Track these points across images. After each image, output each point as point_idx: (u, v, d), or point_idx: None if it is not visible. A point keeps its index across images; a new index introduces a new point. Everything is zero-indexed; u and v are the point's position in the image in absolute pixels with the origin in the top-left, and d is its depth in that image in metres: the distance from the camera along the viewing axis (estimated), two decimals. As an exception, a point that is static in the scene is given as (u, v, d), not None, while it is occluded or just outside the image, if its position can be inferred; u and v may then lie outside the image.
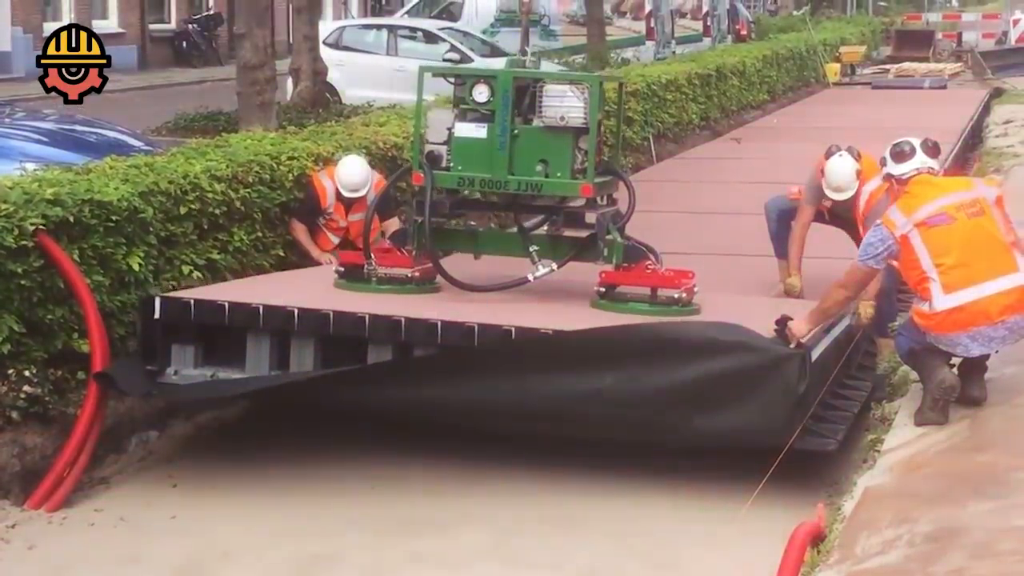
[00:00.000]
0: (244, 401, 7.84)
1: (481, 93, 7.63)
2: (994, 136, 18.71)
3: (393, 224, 9.04)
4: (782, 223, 8.99)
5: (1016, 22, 38.93)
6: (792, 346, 6.76)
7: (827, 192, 8.52)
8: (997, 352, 6.84)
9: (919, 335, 6.82)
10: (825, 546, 5.49)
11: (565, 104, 7.53)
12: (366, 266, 7.87)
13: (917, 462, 6.31)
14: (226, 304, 7.27)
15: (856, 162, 8.45)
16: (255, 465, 7.34)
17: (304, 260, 9.02)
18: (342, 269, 7.96)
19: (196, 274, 8.15)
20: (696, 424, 6.77)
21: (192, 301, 7.36)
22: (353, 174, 9.03)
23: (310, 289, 7.80)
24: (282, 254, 9.05)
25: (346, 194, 9.01)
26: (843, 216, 8.67)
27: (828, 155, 8.51)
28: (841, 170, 8.43)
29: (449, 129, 7.72)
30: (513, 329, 6.94)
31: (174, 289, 7.89)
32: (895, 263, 6.96)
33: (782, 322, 6.82)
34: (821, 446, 6.84)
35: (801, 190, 8.96)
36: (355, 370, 7.09)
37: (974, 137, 19.21)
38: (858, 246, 7.86)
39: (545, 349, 6.91)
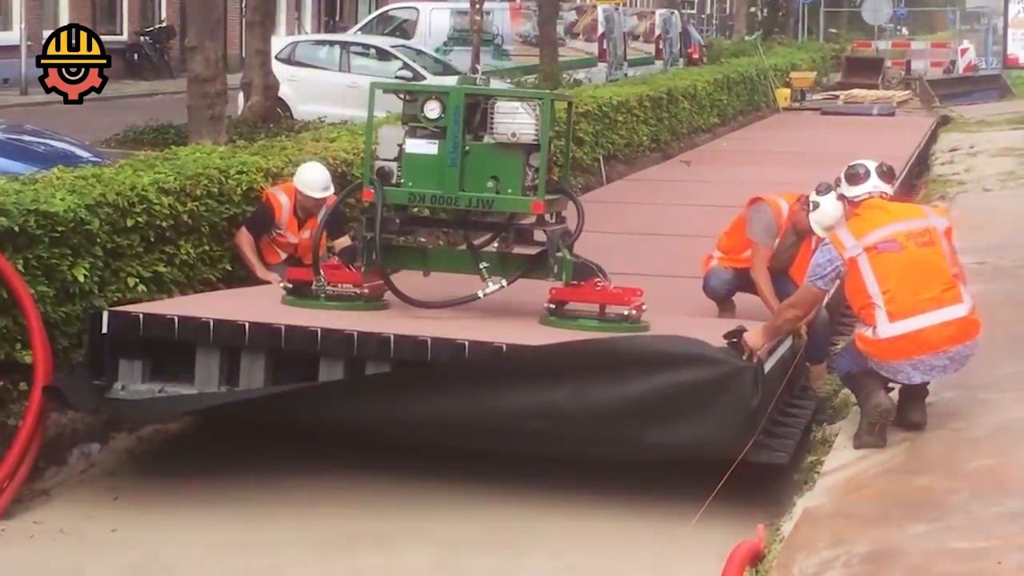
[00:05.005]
0: (188, 415, 7.80)
1: (432, 110, 7.64)
2: (940, 164, 18.92)
3: (343, 243, 9.02)
4: (731, 293, 8.61)
5: (964, 51, 39.39)
6: (746, 357, 6.75)
7: (816, 229, 8.17)
8: (936, 379, 6.91)
9: (860, 359, 6.87)
10: (763, 566, 5.54)
11: (516, 121, 7.55)
12: (315, 283, 7.85)
13: (856, 484, 6.36)
14: (175, 318, 7.24)
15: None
16: (197, 479, 7.30)
17: (250, 274, 8.99)
18: (290, 285, 7.94)
19: (142, 287, 8.11)
20: (649, 438, 6.77)
21: (141, 315, 7.32)
22: (318, 175, 9.07)
23: (259, 305, 7.76)
24: (229, 268, 9.01)
25: (317, 195, 8.97)
26: (779, 263, 8.38)
27: (820, 192, 8.09)
28: (838, 209, 7.75)
29: (400, 145, 7.72)
30: (467, 343, 6.95)
31: (119, 301, 7.84)
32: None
33: (737, 333, 6.81)
34: (774, 459, 6.86)
35: (725, 249, 8.61)
36: (306, 387, 7.07)
37: (921, 164, 19.40)
38: (771, 299, 7.92)
39: (498, 363, 6.92)
